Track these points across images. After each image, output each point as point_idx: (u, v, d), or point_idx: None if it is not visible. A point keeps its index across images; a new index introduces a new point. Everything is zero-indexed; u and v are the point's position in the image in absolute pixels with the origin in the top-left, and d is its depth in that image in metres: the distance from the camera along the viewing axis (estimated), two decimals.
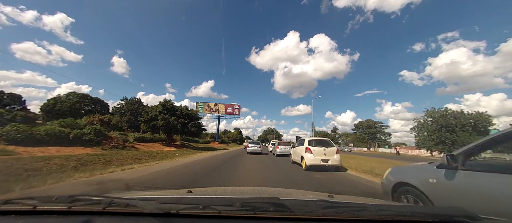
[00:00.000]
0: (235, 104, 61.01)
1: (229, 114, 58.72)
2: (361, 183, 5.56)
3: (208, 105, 58.06)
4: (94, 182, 4.14)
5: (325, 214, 1.06)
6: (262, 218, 1.04)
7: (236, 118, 64.86)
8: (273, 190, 1.99)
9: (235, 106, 59.85)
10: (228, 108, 59.82)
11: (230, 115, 59.48)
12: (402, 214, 1.06)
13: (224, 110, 58.57)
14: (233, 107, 61.00)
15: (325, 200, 1.30)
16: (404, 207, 1.22)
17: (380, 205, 1.24)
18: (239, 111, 59.03)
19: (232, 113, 59.67)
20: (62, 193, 3.09)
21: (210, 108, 57.77)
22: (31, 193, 3.60)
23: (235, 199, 1.25)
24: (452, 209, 1.13)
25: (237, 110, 59.43)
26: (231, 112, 59.60)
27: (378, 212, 1.11)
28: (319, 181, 5.43)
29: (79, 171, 5.11)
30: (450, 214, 1.10)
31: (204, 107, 57.04)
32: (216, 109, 58.48)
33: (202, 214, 1.03)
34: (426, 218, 1.02)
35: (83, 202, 1.09)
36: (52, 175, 4.64)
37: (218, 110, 58.59)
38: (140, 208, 1.05)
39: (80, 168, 5.84)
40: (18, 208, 1.05)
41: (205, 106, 57.07)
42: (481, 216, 0.98)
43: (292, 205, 1.10)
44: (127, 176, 4.87)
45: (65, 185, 3.92)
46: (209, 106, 57.72)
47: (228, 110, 59.05)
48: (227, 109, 59.24)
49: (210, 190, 1.98)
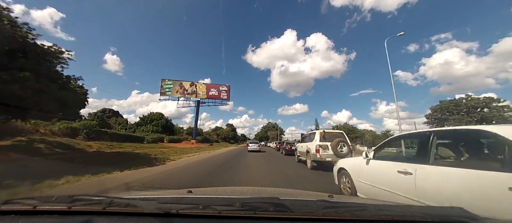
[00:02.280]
0: (222, 86, 41.73)
1: (212, 98, 40.79)
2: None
3: (181, 85, 39.21)
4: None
5: (325, 214, 0.99)
6: (262, 218, 0.98)
7: (223, 104, 43.20)
8: (273, 190, 2.02)
9: (222, 87, 41.50)
10: (212, 90, 41.15)
11: (214, 101, 41.50)
12: (402, 214, 1.00)
13: (205, 93, 40.36)
14: (218, 89, 41.83)
15: (325, 200, 1.23)
16: (404, 207, 1.22)
17: (380, 205, 1.18)
18: (227, 95, 41.28)
19: (217, 97, 41.16)
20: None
21: (184, 90, 39.00)
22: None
23: (235, 199, 1.19)
24: (452, 209, 1.10)
25: (224, 93, 41.40)
26: (215, 96, 41.09)
27: (378, 212, 1.05)
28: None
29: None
30: (449, 214, 1.05)
31: (175, 87, 38.77)
32: (192, 92, 39.73)
33: (202, 214, 0.98)
34: (425, 218, 0.98)
35: (83, 202, 1.03)
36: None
37: (196, 93, 40.10)
38: (140, 208, 0.99)
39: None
40: (18, 208, 0.99)
41: (175, 86, 38.74)
42: (481, 216, 0.98)
43: (292, 205, 1.04)
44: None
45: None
46: (182, 87, 38.87)
47: (212, 93, 40.59)
48: (209, 91, 40.71)
49: (210, 190, 2.02)
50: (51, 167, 5.80)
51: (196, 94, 37.72)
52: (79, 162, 7.45)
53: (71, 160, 7.55)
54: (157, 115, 40.37)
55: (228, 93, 39.29)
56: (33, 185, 3.84)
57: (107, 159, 9.19)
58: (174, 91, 36.74)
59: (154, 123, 38.63)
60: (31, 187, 3.75)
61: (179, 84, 37.08)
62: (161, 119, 39.82)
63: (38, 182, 4.03)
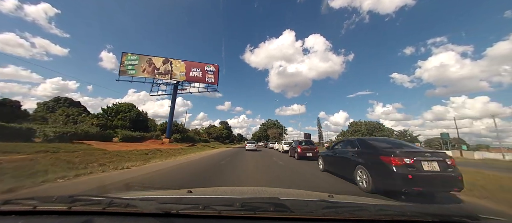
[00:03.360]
0: (208, 65, 31.57)
1: (195, 81, 31.21)
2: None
3: (150, 61, 29.55)
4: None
5: (325, 214, 0.99)
6: (262, 218, 0.98)
7: (210, 89, 33.15)
8: (273, 190, 2.11)
9: (208, 67, 31.42)
10: (194, 69, 30.77)
11: (199, 85, 31.76)
12: (402, 214, 1.01)
13: (183, 73, 30.30)
14: (203, 69, 31.31)
15: (325, 200, 1.22)
16: (404, 207, 1.26)
17: (380, 205, 1.19)
18: (215, 78, 31.46)
19: (201, 79, 31.16)
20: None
21: (155, 68, 29.52)
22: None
23: (235, 199, 1.21)
24: (452, 209, 1.35)
25: (211, 75, 31.31)
26: (199, 78, 31.05)
27: (378, 212, 1.04)
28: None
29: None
30: (450, 214, 1.06)
31: (141, 64, 29.36)
32: (167, 71, 29.96)
33: (202, 214, 0.98)
34: (426, 218, 0.99)
35: (83, 202, 1.03)
36: None
37: (172, 73, 30.23)
38: (140, 208, 1.00)
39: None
40: (18, 208, 0.99)
41: (142, 62, 29.45)
42: (481, 216, 1.00)
43: (292, 205, 1.04)
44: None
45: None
46: (151, 64, 29.40)
47: (193, 74, 30.58)
48: (190, 71, 30.60)
49: (210, 190, 2.11)
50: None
51: (171, 75, 30.10)
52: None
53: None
54: (126, 107, 33.40)
55: (217, 76, 31.96)
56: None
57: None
58: (139, 70, 29.18)
59: (121, 117, 31.76)
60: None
61: (147, 60, 30.73)
62: (131, 111, 33.08)
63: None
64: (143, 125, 35.60)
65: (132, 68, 28.77)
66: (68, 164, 8.09)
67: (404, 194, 4.00)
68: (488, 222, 1.01)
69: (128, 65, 28.82)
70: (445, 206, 3.80)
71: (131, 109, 34.26)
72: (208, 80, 30.70)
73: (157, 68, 29.22)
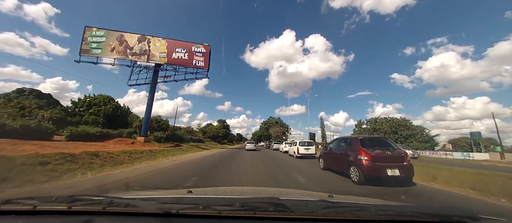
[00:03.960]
0: (197, 45, 25.18)
1: (179, 64, 24.83)
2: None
3: (122, 37, 23.22)
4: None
5: (325, 214, 0.97)
6: (262, 218, 0.97)
7: (198, 76, 25.49)
8: (273, 190, 2.12)
9: (197, 48, 25.11)
10: (178, 50, 24.44)
11: (185, 70, 25.24)
12: (402, 214, 1.00)
13: (164, 54, 23.99)
14: (190, 50, 24.82)
15: (325, 200, 1.20)
16: (404, 207, 1.27)
17: (380, 205, 1.17)
18: (205, 61, 25.13)
19: (187, 62, 24.64)
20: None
21: (127, 47, 23.16)
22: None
23: (235, 199, 1.19)
24: (452, 209, 1.20)
25: (200, 57, 24.95)
26: (184, 61, 24.62)
27: (378, 212, 1.03)
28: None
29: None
30: (450, 214, 1.04)
31: (109, 41, 23.03)
32: (143, 51, 23.55)
33: (202, 214, 0.96)
34: (426, 218, 0.98)
35: (83, 202, 1.01)
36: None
37: (150, 54, 23.79)
38: (140, 208, 0.98)
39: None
40: (18, 208, 0.97)
41: (110, 39, 23.08)
42: (481, 216, 1.00)
43: (292, 205, 1.02)
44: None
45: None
46: (123, 42, 23.05)
47: (176, 55, 24.27)
48: (173, 52, 24.28)
49: (210, 190, 2.05)
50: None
51: (148, 56, 23.96)
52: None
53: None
54: (101, 99, 28.16)
55: (207, 58, 25.72)
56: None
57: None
58: (107, 49, 23.04)
59: (93, 111, 26.40)
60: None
61: (118, 37, 24.15)
62: (107, 104, 27.54)
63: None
64: (122, 121, 32.87)
65: (98, 47, 25.69)
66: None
67: (403, 194, 5.29)
68: (488, 222, 1.03)
69: (92, 42, 24.76)
70: (445, 206, 3.83)
71: (107, 102, 29.87)
72: (196, 64, 26.34)
73: (131, 47, 25.72)
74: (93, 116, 27.04)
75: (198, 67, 25.04)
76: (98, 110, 27.75)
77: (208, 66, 25.41)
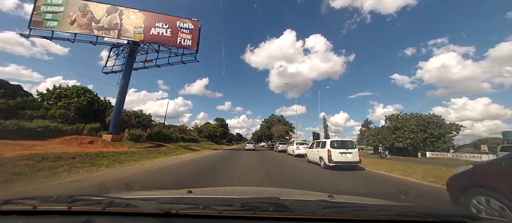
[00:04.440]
0: (183, 20, 19.65)
1: (161, 43, 19.18)
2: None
3: (86, 7, 17.33)
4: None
5: (325, 214, 0.97)
6: (262, 218, 0.97)
7: (185, 59, 20.14)
8: (273, 190, 2.14)
9: (183, 23, 19.49)
10: (158, 24, 18.60)
11: (169, 50, 19.88)
12: (402, 214, 1.00)
13: (140, 30, 18.07)
14: (174, 25, 19.31)
15: (325, 200, 1.20)
16: (404, 207, 1.28)
17: (380, 205, 1.17)
18: (193, 40, 19.52)
19: (170, 40, 18.92)
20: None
21: (92, 18, 17.23)
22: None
23: (235, 199, 1.20)
24: (452, 209, 1.38)
25: (186, 34, 19.21)
26: (167, 39, 18.76)
27: (378, 212, 1.03)
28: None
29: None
30: (450, 214, 1.04)
31: (69, 10, 17.10)
32: (112, 25, 17.57)
33: (202, 214, 0.97)
34: (426, 218, 0.99)
35: (83, 202, 1.02)
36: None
37: (121, 27, 17.99)
38: (140, 208, 0.98)
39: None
40: (18, 208, 0.97)
41: (71, 8, 17.17)
42: (481, 216, 1.06)
43: (292, 205, 1.03)
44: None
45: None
46: (87, 12, 17.06)
47: (156, 31, 18.34)
48: (152, 27, 18.45)
49: (210, 190, 2.14)
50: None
51: (120, 31, 18.88)
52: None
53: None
54: (74, 90, 24.15)
55: (195, 37, 20.71)
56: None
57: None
58: (65, 21, 17.99)
59: (63, 103, 22.38)
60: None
61: (80, 7, 18.60)
62: (80, 96, 23.74)
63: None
64: (101, 116, 29.93)
65: (54, 18, 22.04)
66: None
67: (403, 194, 5.74)
68: (488, 222, 1.02)
69: (47, 13, 20.36)
70: (445, 206, 3.56)
71: (82, 94, 25.92)
72: (181, 42, 22.24)
73: (97, 20, 21.87)
74: (62, 110, 23.79)
75: (184, 46, 20.54)
76: (68, 103, 24.53)
77: (197, 47, 21.00)
